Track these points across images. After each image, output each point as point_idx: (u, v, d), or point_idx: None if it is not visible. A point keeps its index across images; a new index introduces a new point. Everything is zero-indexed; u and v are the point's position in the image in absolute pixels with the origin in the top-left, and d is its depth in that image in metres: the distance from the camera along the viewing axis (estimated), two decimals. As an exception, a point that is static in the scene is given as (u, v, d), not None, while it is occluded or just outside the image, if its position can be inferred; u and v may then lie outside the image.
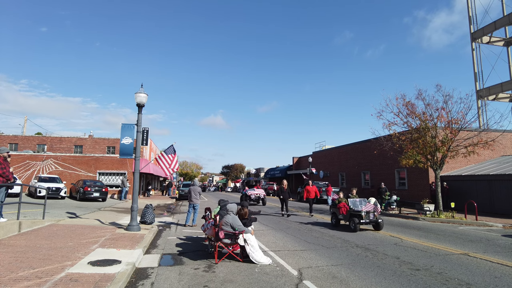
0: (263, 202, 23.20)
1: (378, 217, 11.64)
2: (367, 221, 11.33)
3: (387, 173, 26.21)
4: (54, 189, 20.78)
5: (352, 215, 11.58)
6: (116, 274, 5.47)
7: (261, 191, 23.73)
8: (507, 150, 24.01)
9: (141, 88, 10.60)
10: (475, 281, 5.79)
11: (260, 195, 23.23)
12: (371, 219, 11.43)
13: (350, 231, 11.27)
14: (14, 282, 4.82)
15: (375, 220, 11.53)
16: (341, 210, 12.13)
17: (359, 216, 11.33)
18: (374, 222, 11.57)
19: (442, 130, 16.20)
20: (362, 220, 11.22)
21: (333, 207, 12.98)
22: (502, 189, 17.39)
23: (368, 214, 11.39)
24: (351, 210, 11.71)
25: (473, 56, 33.86)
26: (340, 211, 12.22)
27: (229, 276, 5.94)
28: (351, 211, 11.69)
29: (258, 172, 68.61)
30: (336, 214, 12.63)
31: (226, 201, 8.16)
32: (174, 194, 37.68)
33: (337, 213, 12.50)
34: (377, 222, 11.61)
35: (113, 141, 38.02)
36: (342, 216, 12.11)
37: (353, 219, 11.37)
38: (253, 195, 23.08)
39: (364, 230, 11.78)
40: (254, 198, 23.09)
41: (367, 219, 11.35)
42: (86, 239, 8.36)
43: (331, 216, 13.06)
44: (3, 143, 34.76)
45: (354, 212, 11.56)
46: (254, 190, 23.82)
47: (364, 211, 11.38)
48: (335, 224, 12.66)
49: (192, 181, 13.48)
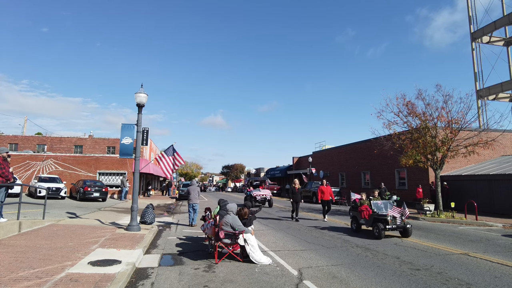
0: (269, 204, 21.77)
1: (406, 222, 10.32)
2: (393, 226, 9.96)
3: (387, 173, 26.21)
4: (54, 189, 20.78)
5: (376, 220, 10.27)
6: (116, 274, 5.47)
7: (267, 192, 22.27)
8: (507, 150, 24.01)
9: (141, 88, 10.60)
10: (475, 281, 5.79)
11: (266, 196, 21.81)
12: (398, 225, 10.08)
13: (373, 238, 9.96)
14: (14, 282, 4.82)
15: (403, 226, 10.13)
16: (363, 214, 10.83)
17: (385, 221, 10.00)
18: (401, 227, 10.15)
19: (442, 130, 16.21)
20: (388, 226, 9.87)
21: (353, 210, 11.64)
22: (502, 189, 17.40)
23: (395, 219, 10.09)
24: (374, 214, 10.38)
25: (473, 56, 33.87)
26: (361, 215, 10.92)
27: (229, 276, 5.94)
28: (374, 215, 10.35)
29: (258, 172, 68.59)
30: (356, 218, 11.33)
31: (226, 201, 8.16)
32: (174, 194, 37.69)
33: (358, 217, 11.21)
34: (405, 228, 10.15)
35: (113, 141, 38.03)
36: (364, 220, 10.82)
37: (377, 225, 10.01)
38: (259, 196, 21.61)
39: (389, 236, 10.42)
40: (259, 200, 21.57)
41: (394, 224, 10.00)
42: (86, 239, 8.36)
43: (351, 221, 11.73)
44: (3, 143, 34.77)
45: (378, 216, 10.22)
46: (260, 190, 22.33)
47: (390, 215, 10.04)
48: (355, 230, 11.32)
49: (191, 182, 13.49)
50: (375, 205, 10.61)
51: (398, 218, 10.16)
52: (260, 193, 21.79)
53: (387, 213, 10.08)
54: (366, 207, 10.91)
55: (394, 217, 10.12)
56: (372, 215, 10.48)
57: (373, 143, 21.38)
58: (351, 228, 11.62)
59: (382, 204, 10.55)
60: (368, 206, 10.89)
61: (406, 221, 10.34)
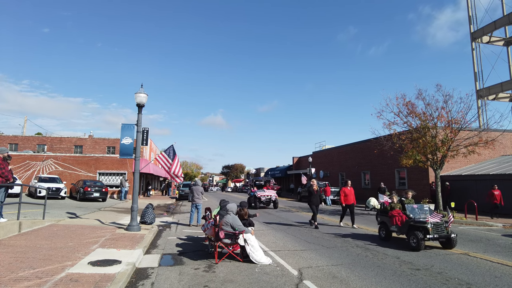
0: (275, 205, 20.77)
1: (450, 230, 8.64)
2: (435, 236, 8.36)
3: (387, 173, 26.21)
4: (54, 189, 20.79)
5: (412, 228, 8.71)
6: (116, 274, 5.47)
7: (272, 193, 21.23)
8: (507, 150, 24.02)
9: (141, 88, 10.60)
10: (475, 281, 5.79)
11: (272, 197, 20.81)
12: (441, 234, 8.46)
13: (409, 249, 8.38)
14: (14, 282, 4.82)
15: (447, 235, 8.47)
16: (395, 219, 9.29)
17: (424, 229, 8.41)
18: (444, 237, 8.49)
19: (442, 130, 16.21)
20: (429, 235, 8.28)
21: (382, 215, 10.14)
22: (502, 189, 17.39)
23: (437, 227, 8.49)
24: (411, 220, 8.82)
25: (473, 56, 33.88)
26: (392, 221, 9.40)
27: (229, 276, 5.94)
28: (411, 221, 8.80)
29: (258, 172, 68.61)
30: (386, 225, 9.80)
31: (226, 201, 8.16)
32: (174, 194, 37.71)
33: (388, 224, 9.71)
34: (448, 238, 8.46)
35: (113, 141, 38.05)
36: (396, 227, 9.28)
37: (414, 233, 8.41)
38: (263, 197, 20.56)
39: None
40: (264, 201, 20.56)
41: (435, 233, 8.40)
42: (86, 239, 8.36)
43: (379, 227, 10.24)
44: (3, 143, 34.78)
45: (416, 223, 8.67)
46: (264, 191, 21.16)
47: (431, 222, 8.47)
48: (384, 238, 9.82)
49: (194, 181, 13.45)
50: (410, 209, 9.13)
51: (440, 226, 8.52)
52: (265, 193, 20.87)
53: (427, 219, 8.54)
54: (398, 211, 9.43)
55: (436, 224, 8.49)
56: (407, 221, 8.93)
57: (373, 143, 21.39)
58: (379, 236, 10.10)
59: (417, 209, 9.17)
60: (400, 211, 9.43)
61: (450, 229, 8.65)
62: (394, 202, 10.02)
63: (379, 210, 10.71)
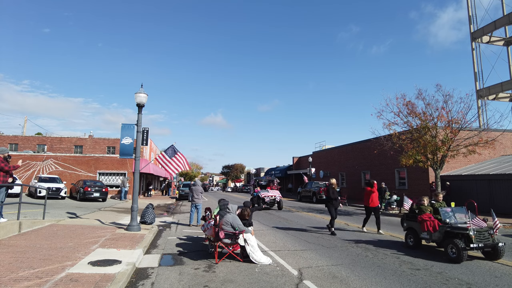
0: (279, 206, 19.75)
1: (495, 238, 7.39)
2: (480, 245, 7.08)
3: (387, 173, 26.20)
4: (54, 189, 20.79)
5: (449, 235, 7.49)
6: (116, 274, 5.47)
7: (276, 193, 20.28)
8: (507, 149, 24.02)
9: (141, 88, 10.60)
10: (475, 281, 5.79)
11: (276, 198, 19.87)
12: (486, 243, 7.18)
13: (446, 260, 7.19)
14: (14, 282, 4.82)
15: (493, 244, 7.20)
16: (426, 225, 8.03)
17: (466, 237, 7.17)
18: (490, 246, 7.21)
19: (442, 130, 16.21)
20: (473, 245, 7.01)
21: (409, 220, 8.91)
22: (502, 189, 17.40)
23: (481, 234, 7.24)
24: (447, 226, 7.58)
25: (473, 56, 33.86)
26: (423, 227, 8.10)
27: (229, 276, 5.94)
28: (447, 227, 7.56)
29: (258, 172, 68.62)
30: (415, 231, 8.58)
31: (225, 201, 8.16)
32: (174, 194, 37.69)
33: (417, 229, 8.47)
34: (495, 247, 7.21)
35: (113, 141, 38.04)
36: (428, 234, 8.05)
37: (453, 242, 7.13)
38: (267, 197, 19.67)
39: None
40: (268, 201, 19.67)
41: (479, 241, 7.12)
42: (86, 239, 8.36)
43: (406, 234, 8.99)
44: (3, 143, 34.78)
45: (454, 229, 7.41)
46: (268, 191, 20.32)
47: (473, 228, 7.18)
48: (413, 246, 8.57)
49: (194, 181, 13.46)
50: (444, 213, 7.91)
51: (484, 233, 7.31)
52: (269, 194, 19.96)
53: (468, 225, 7.22)
54: (429, 215, 8.21)
55: (480, 231, 7.26)
56: (441, 227, 7.72)
57: (373, 143, 21.38)
58: (406, 243, 8.90)
59: (451, 212, 7.94)
60: (431, 215, 8.27)
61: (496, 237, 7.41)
62: (424, 204, 8.72)
63: (405, 214, 9.49)
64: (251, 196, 22.57)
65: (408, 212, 9.38)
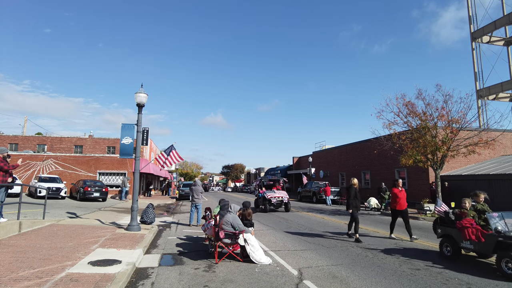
0: (286, 208, 18.40)
1: None
2: None
3: (387, 173, 26.20)
4: (54, 189, 20.80)
5: (503, 246, 6.17)
6: (116, 274, 5.47)
7: (283, 194, 18.84)
8: (507, 149, 24.01)
9: (141, 88, 10.60)
10: (475, 281, 5.79)
11: (283, 199, 18.45)
12: None
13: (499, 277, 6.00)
14: (14, 282, 4.82)
15: None
16: (468, 232, 6.85)
17: None
18: None
19: (442, 130, 16.21)
20: None
21: (445, 226, 7.74)
22: (502, 189, 17.39)
23: None
24: (498, 235, 6.29)
25: (473, 56, 33.85)
26: (465, 235, 6.90)
27: (229, 276, 5.94)
28: (500, 236, 6.25)
29: (258, 172, 68.65)
30: (453, 239, 7.37)
31: (226, 201, 8.16)
32: (174, 194, 37.69)
33: (455, 238, 7.28)
34: None
35: (113, 141, 38.04)
36: (471, 243, 6.88)
37: (509, 255, 5.97)
38: (274, 198, 18.29)
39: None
40: (275, 203, 18.30)
41: None
42: (86, 239, 8.36)
43: (441, 241, 7.77)
44: (3, 143, 34.79)
45: (507, 239, 6.12)
46: (275, 192, 18.94)
47: None
48: (450, 256, 7.36)
49: (194, 181, 13.46)
50: (492, 219, 6.65)
51: None
52: (276, 195, 18.55)
53: None
54: (471, 221, 7.06)
55: None
56: (492, 236, 6.44)
57: (373, 143, 21.38)
58: (442, 253, 7.66)
59: (501, 217, 6.67)
60: (473, 220, 7.13)
61: None
62: (466, 208, 7.44)
63: (438, 218, 8.15)
64: (255, 197, 21.51)
65: (443, 216, 7.96)
